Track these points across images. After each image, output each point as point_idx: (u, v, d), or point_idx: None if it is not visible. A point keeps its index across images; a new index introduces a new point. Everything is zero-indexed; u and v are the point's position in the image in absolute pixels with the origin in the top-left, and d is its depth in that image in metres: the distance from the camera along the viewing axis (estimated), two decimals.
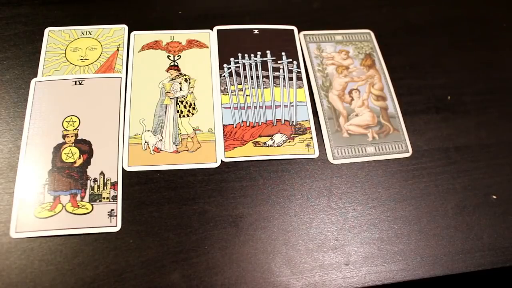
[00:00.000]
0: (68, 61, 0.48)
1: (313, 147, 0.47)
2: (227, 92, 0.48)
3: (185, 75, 0.49)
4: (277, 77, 0.50)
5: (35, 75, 0.47)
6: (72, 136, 0.44)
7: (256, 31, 0.53)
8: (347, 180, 0.45)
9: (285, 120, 0.48)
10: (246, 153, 0.45)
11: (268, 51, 0.52)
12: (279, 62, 0.51)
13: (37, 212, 0.40)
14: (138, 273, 0.38)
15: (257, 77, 0.50)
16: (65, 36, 0.50)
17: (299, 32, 0.54)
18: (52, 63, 0.48)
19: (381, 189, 0.45)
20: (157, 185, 0.43)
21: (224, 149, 0.45)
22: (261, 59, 0.51)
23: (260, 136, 0.46)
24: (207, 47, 0.51)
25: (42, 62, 0.48)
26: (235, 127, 0.47)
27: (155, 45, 0.50)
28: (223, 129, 0.46)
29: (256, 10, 0.55)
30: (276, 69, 0.51)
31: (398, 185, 0.46)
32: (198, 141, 0.45)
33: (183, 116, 0.47)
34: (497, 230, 0.44)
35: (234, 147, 0.45)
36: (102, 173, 0.42)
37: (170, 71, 0.49)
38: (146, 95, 0.47)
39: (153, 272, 0.39)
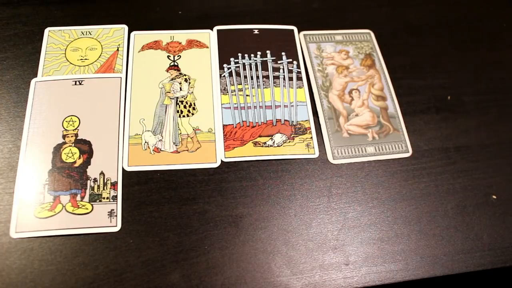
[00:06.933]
0: (68, 61, 0.48)
1: (313, 147, 0.47)
2: (227, 92, 0.48)
3: (185, 75, 0.49)
4: (277, 77, 0.50)
5: (35, 75, 0.47)
6: (72, 136, 0.44)
7: (256, 31, 0.53)
8: (347, 180, 0.45)
9: (285, 120, 0.48)
10: (246, 153, 0.45)
11: (268, 51, 0.52)
12: (279, 62, 0.51)
13: (37, 212, 0.40)
14: (138, 273, 0.38)
15: (257, 77, 0.50)
16: (65, 36, 0.50)
17: (299, 32, 0.54)
18: (52, 63, 0.48)
19: (381, 189, 0.45)
20: (157, 185, 0.43)
21: (224, 149, 0.45)
22: (261, 59, 0.51)
23: (260, 136, 0.46)
24: (207, 47, 0.51)
25: (42, 62, 0.47)
26: (235, 127, 0.47)
27: (155, 45, 0.50)
28: (223, 129, 0.46)
29: (256, 10, 0.55)
30: (276, 69, 0.51)
31: (398, 185, 0.46)
32: (198, 141, 0.45)
33: (183, 116, 0.47)
34: (497, 230, 0.44)
35: (234, 147, 0.45)
36: (102, 173, 0.42)
37: (170, 71, 0.49)
38: (146, 95, 0.47)
39: (153, 272, 0.39)
